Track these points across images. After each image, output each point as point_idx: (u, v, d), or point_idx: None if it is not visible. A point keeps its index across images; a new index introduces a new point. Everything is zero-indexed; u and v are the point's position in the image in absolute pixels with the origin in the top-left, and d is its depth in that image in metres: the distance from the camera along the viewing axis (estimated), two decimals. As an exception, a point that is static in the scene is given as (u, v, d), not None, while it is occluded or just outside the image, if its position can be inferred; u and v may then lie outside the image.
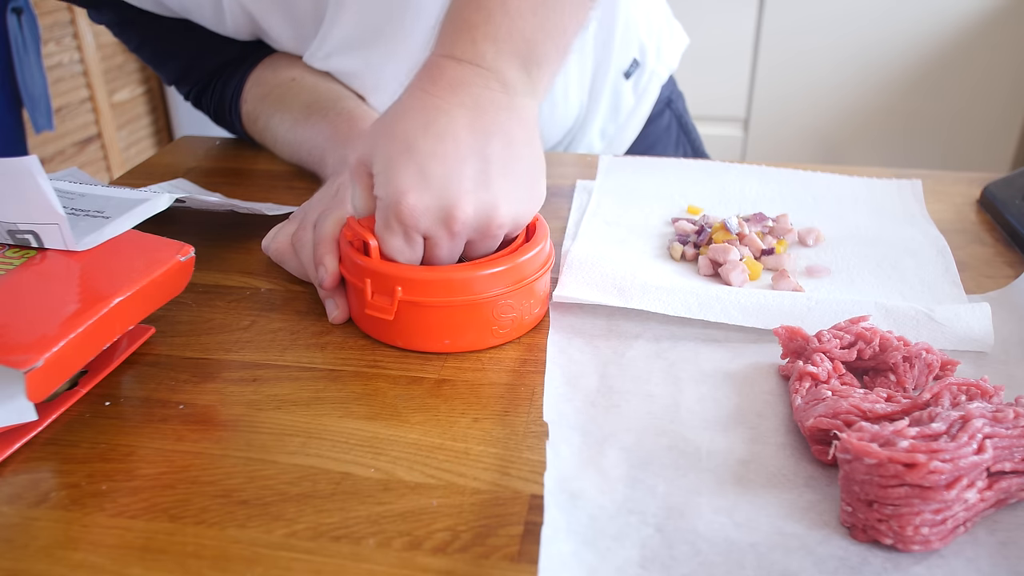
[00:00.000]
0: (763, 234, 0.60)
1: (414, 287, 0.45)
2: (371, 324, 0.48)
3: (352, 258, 0.47)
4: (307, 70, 0.74)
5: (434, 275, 0.45)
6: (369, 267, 0.46)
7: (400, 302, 0.46)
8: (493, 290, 0.46)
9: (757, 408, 0.43)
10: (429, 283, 0.45)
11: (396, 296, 0.45)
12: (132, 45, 0.78)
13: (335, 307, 0.50)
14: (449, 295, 0.46)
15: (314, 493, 0.37)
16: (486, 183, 0.44)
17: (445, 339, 0.47)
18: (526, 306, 0.48)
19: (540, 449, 0.40)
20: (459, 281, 0.46)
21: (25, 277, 0.44)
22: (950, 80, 2.02)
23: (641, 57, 0.86)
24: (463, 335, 0.47)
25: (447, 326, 0.47)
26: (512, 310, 0.47)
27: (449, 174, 0.43)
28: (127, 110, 2.24)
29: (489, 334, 0.48)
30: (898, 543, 0.33)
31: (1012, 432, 0.35)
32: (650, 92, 0.88)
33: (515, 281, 0.47)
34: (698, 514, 0.35)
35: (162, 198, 0.52)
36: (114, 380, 0.45)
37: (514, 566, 0.33)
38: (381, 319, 0.47)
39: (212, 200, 0.60)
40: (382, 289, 0.46)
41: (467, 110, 0.44)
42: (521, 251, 0.47)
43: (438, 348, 0.47)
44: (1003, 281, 0.55)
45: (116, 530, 0.35)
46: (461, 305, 0.46)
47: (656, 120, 0.90)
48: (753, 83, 2.10)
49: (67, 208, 0.50)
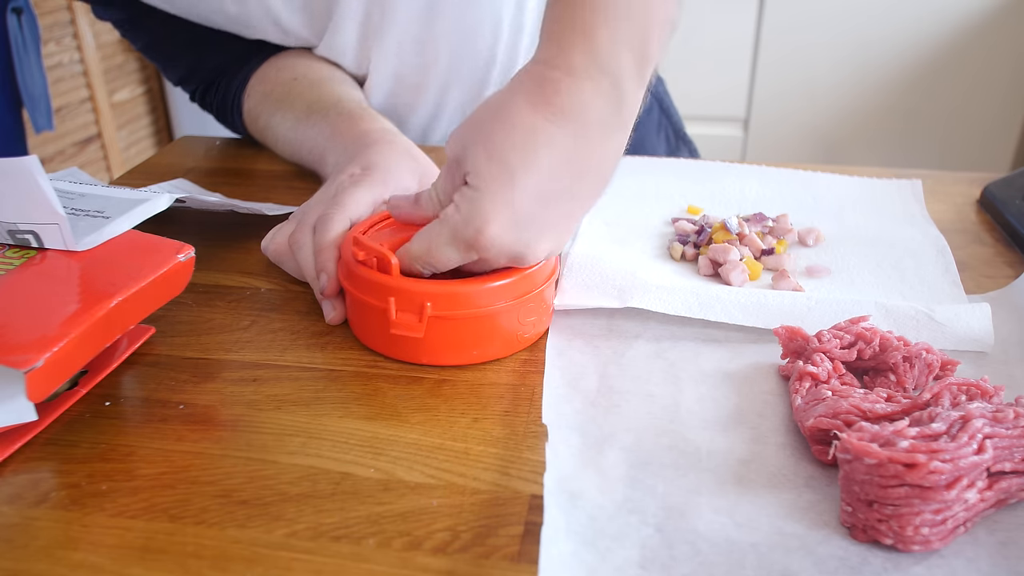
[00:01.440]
0: (763, 234, 0.60)
1: (444, 301, 0.44)
2: (392, 343, 0.46)
3: (368, 277, 0.45)
4: (309, 70, 0.74)
5: (463, 288, 0.45)
6: (392, 285, 0.45)
7: (429, 318, 0.44)
8: (519, 296, 0.46)
9: (757, 408, 0.43)
10: (459, 296, 0.44)
11: (426, 312, 0.44)
12: (139, 44, 0.78)
13: (332, 308, 0.50)
14: (479, 306, 0.45)
15: (314, 493, 0.37)
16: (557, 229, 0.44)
17: (474, 350, 0.46)
18: (544, 307, 0.49)
19: (540, 449, 0.40)
20: (488, 291, 0.45)
21: (25, 277, 0.44)
22: (950, 80, 2.02)
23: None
24: (492, 344, 0.47)
25: (477, 337, 0.46)
26: (533, 313, 0.47)
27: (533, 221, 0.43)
28: (127, 110, 2.24)
29: (515, 339, 0.47)
30: (898, 543, 0.33)
31: (1012, 432, 0.35)
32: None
33: (537, 284, 0.47)
34: (698, 514, 0.35)
35: (162, 198, 0.52)
36: (114, 380, 0.45)
37: (514, 566, 0.33)
38: (407, 337, 0.45)
39: (212, 200, 0.60)
40: (408, 307, 0.44)
41: (570, 138, 0.42)
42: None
43: (466, 360, 0.47)
44: (1003, 281, 0.55)
45: (116, 530, 0.35)
46: (491, 314, 0.45)
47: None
48: (753, 83, 2.10)
49: (67, 208, 0.50)
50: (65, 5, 1.97)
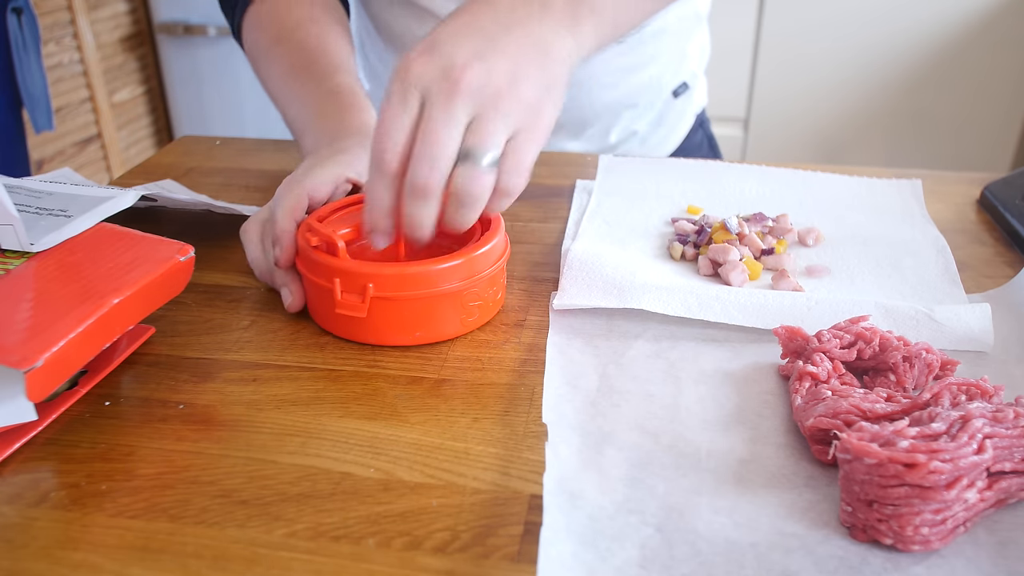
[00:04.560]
0: (763, 234, 0.60)
1: (385, 282, 0.46)
2: (340, 323, 0.48)
3: (317, 259, 0.47)
4: (320, 14, 0.71)
5: (405, 269, 0.46)
6: (338, 266, 0.46)
7: (372, 299, 0.46)
8: (462, 279, 0.47)
9: (757, 408, 0.43)
10: (401, 277, 0.46)
11: (368, 293, 0.46)
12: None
13: (289, 294, 0.51)
14: (421, 288, 0.46)
15: (314, 493, 0.37)
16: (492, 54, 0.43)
17: (416, 331, 0.48)
18: (489, 293, 0.50)
19: (540, 449, 0.40)
20: (431, 273, 0.46)
21: (24, 277, 0.44)
22: (950, 80, 2.02)
23: (691, 82, 0.93)
24: (434, 326, 0.48)
25: (419, 318, 0.47)
26: (478, 298, 0.48)
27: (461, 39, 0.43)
28: (127, 110, 2.24)
29: (459, 323, 0.48)
30: (898, 543, 0.33)
31: (1012, 432, 0.35)
32: (688, 113, 0.95)
33: (481, 268, 0.48)
34: (698, 514, 0.35)
35: (127, 195, 0.53)
36: (114, 380, 0.45)
37: (514, 566, 0.33)
38: (352, 317, 0.47)
39: (184, 199, 0.60)
40: (352, 287, 0.46)
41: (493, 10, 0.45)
42: (485, 239, 0.49)
43: (409, 341, 0.48)
44: (1003, 281, 0.55)
45: (116, 530, 0.35)
46: (433, 296, 0.47)
47: (691, 136, 0.97)
48: (753, 83, 2.10)
49: (31, 207, 0.51)
50: (65, 5, 1.97)
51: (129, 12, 2.22)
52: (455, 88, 0.42)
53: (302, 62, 0.67)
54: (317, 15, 0.71)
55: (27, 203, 0.51)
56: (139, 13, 2.26)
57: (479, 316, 0.49)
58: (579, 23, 0.48)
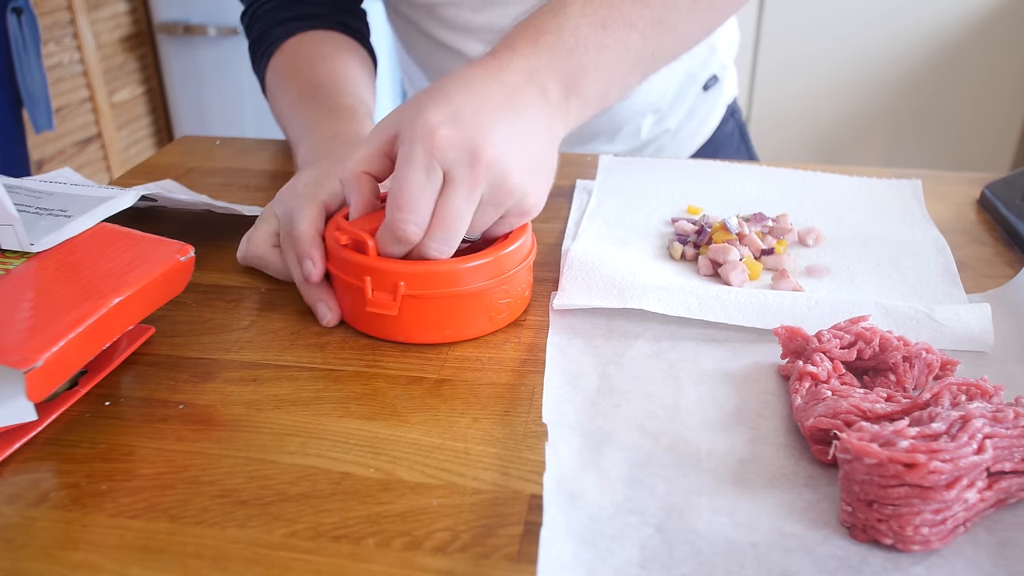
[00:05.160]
0: (763, 234, 0.60)
1: (417, 280, 0.46)
2: (371, 321, 0.49)
3: (348, 258, 0.47)
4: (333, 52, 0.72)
5: (436, 267, 0.46)
6: (369, 264, 0.47)
7: (403, 297, 0.46)
8: (492, 277, 0.47)
9: (757, 408, 0.43)
10: (432, 275, 0.46)
11: (399, 291, 0.46)
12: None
13: (327, 310, 0.50)
14: (451, 286, 0.46)
15: (314, 493, 0.37)
16: (509, 144, 0.45)
17: (447, 329, 0.48)
18: (518, 290, 0.50)
19: (540, 449, 0.40)
20: (460, 271, 0.46)
21: (24, 277, 0.44)
22: (950, 80, 2.02)
23: (721, 74, 0.94)
24: (465, 324, 0.48)
25: (449, 316, 0.48)
26: (507, 295, 0.49)
27: (482, 119, 0.45)
28: (127, 110, 2.24)
29: (488, 320, 0.49)
30: (898, 543, 0.33)
31: (1012, 432, 0.35)
32: (720, 105, 0.96)
33: (510, 267, 0.48)
34: (698, 514, 0.35)
35: (127, 195, 0.53)
36: (114, 380, 0.45)
37: (514, 566, 0.33)
38: (383, 315, 0.47)
39: (184, 199, 0.60)
40: (383, 285, 0.47)
41: (504, 90, 0.47)
42: (512, 238, 0.49)
43: (440, 339, 0.48)
44: (1003, 281, 0.55)
45: (116, 530, 0.35)
46: (463, 295, 0.47)
47: (722, 127, 0.98)
48: (753, 83, 2.10)
49: (31, 207, 0.51)
50: (65, 5, 1.97)
51: (129, 12, 2.23)
52: (478, 177, 0.45)
53: (309, 91, 0.69)
54: (329, 53, 0.73)
55: (27, 203, 0.51)
56: (139, 13, 2.26)
57: (508, 314, 0.50)
58: (568, 111, 0.50)
